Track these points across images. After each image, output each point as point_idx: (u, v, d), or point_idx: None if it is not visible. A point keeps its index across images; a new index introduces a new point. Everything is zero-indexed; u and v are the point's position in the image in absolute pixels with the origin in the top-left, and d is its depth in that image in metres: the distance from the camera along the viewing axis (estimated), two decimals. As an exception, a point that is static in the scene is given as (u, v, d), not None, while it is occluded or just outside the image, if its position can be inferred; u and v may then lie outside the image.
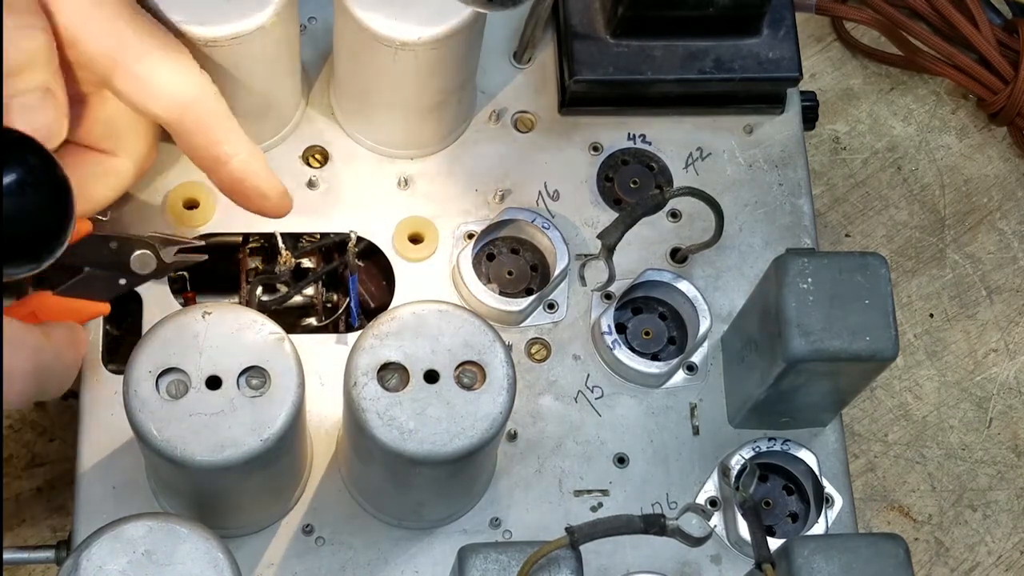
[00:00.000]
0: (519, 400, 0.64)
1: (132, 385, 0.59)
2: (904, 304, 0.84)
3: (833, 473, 0.71)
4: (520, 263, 0.74)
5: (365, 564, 0.68)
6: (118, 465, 0.68)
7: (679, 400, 0.72)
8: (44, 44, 0.58)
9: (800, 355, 0.64)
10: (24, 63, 0.57)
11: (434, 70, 0.69)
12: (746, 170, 0.77)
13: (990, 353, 0.84)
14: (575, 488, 0.70)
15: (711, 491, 0.70)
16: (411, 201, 0.74)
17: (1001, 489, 0.81)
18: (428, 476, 0.62)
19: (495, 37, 0.77)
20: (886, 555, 0.59)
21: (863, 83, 0.90)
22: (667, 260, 0.75)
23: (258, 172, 0.66)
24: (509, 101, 0.77)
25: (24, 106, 0.57)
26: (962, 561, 0.80)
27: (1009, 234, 0.87)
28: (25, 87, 0.57)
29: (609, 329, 0.71)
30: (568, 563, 0.58)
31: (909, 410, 0.82)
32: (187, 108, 0.64)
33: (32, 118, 0.57)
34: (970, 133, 0.89)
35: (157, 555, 0.56)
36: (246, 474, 0.61)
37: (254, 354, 0.60)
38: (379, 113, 0.73)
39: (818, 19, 0.90)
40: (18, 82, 0.57)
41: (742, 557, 0.69)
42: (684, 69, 0.75)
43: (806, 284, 0.64)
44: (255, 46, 0.67)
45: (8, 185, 0.49)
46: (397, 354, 0.61)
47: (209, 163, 0.66)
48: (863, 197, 0.87)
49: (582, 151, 0.76)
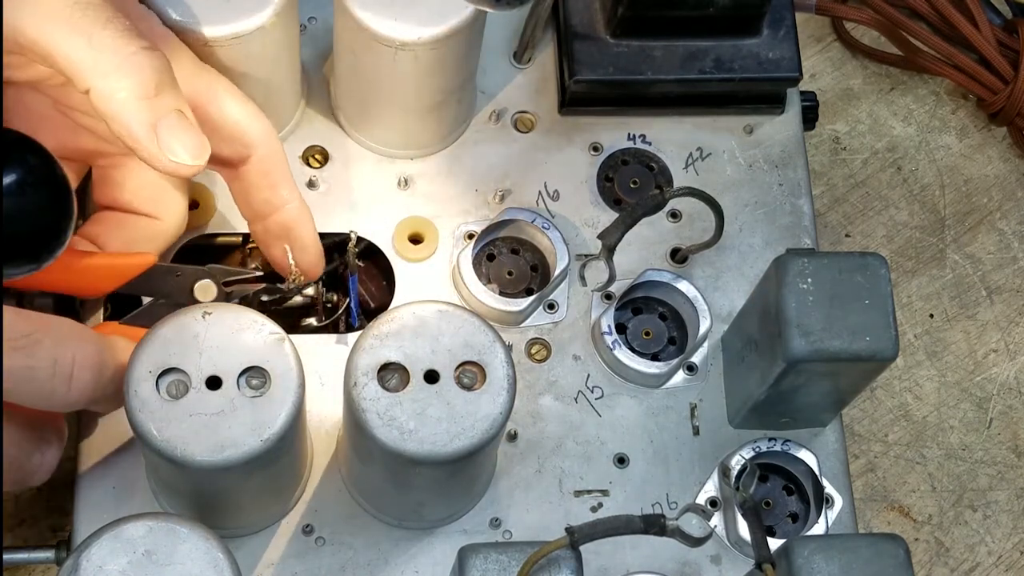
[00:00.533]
0: (519, 400, 0.64)
1: (132, 385, 0.59)
2: (904, 304, 0.84)
3: (833, 473, 0.71)
4: (520, 263, 0.74)
5: (365, 564, 0.68)
6: (118, 465, 0.68)
7: (679, 400, 0.72)
8: (168, 64, 0.58)
9: (800, 355, 0.64)
10: (160, 82, 0.57)
11: (434, 70, 0.69)
12: (746, 170, 0.77)
13: (990, 353, 0.84)
14: (575, 488, 0.70)
15: (711, 491, 0.70)
16: (411, 201, 0.74)
17: (1001, 489, 0.81)
18: (428, 476, 0.62)
19: (495, 37, 0.77)
20: (886, 555, 0.59)
21: (863, 83, 0.90)
22: (667, 260, 0.75)
23: (307, 223, 0.66)
24: (509, 101, 0.77)
25: (169, 128, 0.57)
26: (962, 561, 0.80)
27: (1009, 234, 0.87)
28: (166, 108, 0.57)
29: (609, 329, 0.71)
30: (568, 563, 0.58)
31: (909, 410, 0.82)
32: (255, 148, 0.65)
33: (178, 139, 0.57)
34: (970, 133, 0.89)
35: (157, 555, 0.56)
36: (246, 474, 0.61)
37: (254, 354, 0.60)
38: (379, 113, 0.73)
39: (818, 19, 0.90)
40: (159, 104, 0.57)
41: (742, 557, 0.69)
42: (684, 69, 0.75)
43: (806, 284, 0.64)
44: (255, 46, 0.67)
45: (8, 185, 0.49)
46: (397, 354, 0.61)
47: (260, 207, 0.66)
48: (863, 197, 0.87)
49: (582, 151, 0.76)
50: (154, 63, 0.57)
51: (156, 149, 0.57)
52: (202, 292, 0.66)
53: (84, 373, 0.58)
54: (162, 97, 0.57)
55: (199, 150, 0.58)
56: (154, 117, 0.57)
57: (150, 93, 0.56)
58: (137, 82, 0.56)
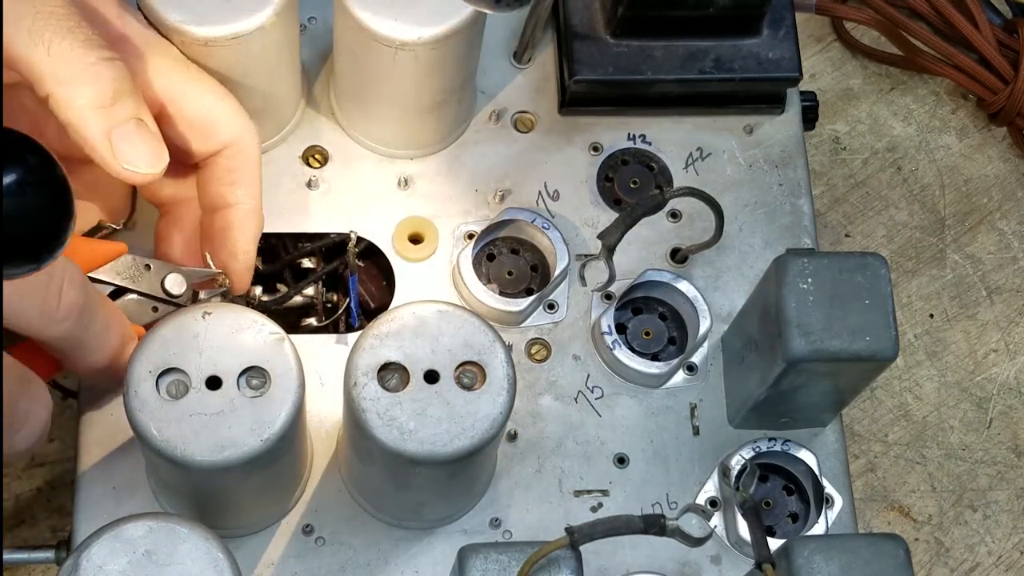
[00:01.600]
0: (519, 400, 0.64)
1: (132, 385, 0.59)
2: (904, 304, 0.84)
3: (833, 473, 0.71)
4: (520, 263, 0.74)
5: (365, 564, 0.68)
6: (118, 465, 0.68)
7: (679, 400, 0.72)
8: (127, 74, 0.60)
9: (800, 355, 0.64)
10: (118, 91, 0.59)
11: (434, 70, 0.69)
12: (746, 170, 0.77)
13: (990, 353, 0.84)
14: (575, 488, 0.70)
15: (711, 491, 0.70)
16: (411, 201, 0.74)
17: (1001, 489, 0.81)
18: (428, 476, 0.62)
19: (495, 37, 0.77)
20: (886, 555, 0.59)
21: (863, 83, 0.90)
22: (667, 260, 0.75)
23: (248, 232, 0.66)
24: (509, 101, 0.77)
25: (125, 137, 0.59)
26: (962, 561, 0.80)
27: (1009, 234, 0.87)
28: (122, 117, 0.59)
29: (609, 329, 0.71)
30: (568, 563, 0.58)
31: (909, 410, 0.82)
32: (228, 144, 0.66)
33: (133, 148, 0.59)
34: (970, 133, 0.89)
35: (157, 555, 0.56)
36: (246, 474, 0.61)
37: (254, 354, 0.60)
38: (379, 113, 0.73)
39: (818, 19, 0.90)
40: (116, 112, 0.59)
41: (742, 557, 0.69)
42: (684, 69, 0.75)
43: (806, 284, 0.64)
44: (255, 46, 0.67)
45: (8, 185, 0.49)
46: (397, 354, 0.61)
47: (212, 199, 0.66)
48: (863, 197, 0.87)
49: (582, 151, 0.76)
50: (113, 73, 0.59)
51: (111, 156, 0.59)
52: (173, 284, 0.66)
53: (72, 289, 0.58)
54: (119, 106, 0.59)
55: (154, 158, 0.60)
56: (109, 125, 0.59)
57: (106, 102, 0.58)
58: (95, 91, 0.58)
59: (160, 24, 0.65)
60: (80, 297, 0.59)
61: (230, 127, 0.65)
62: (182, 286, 0.65)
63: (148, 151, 0.60)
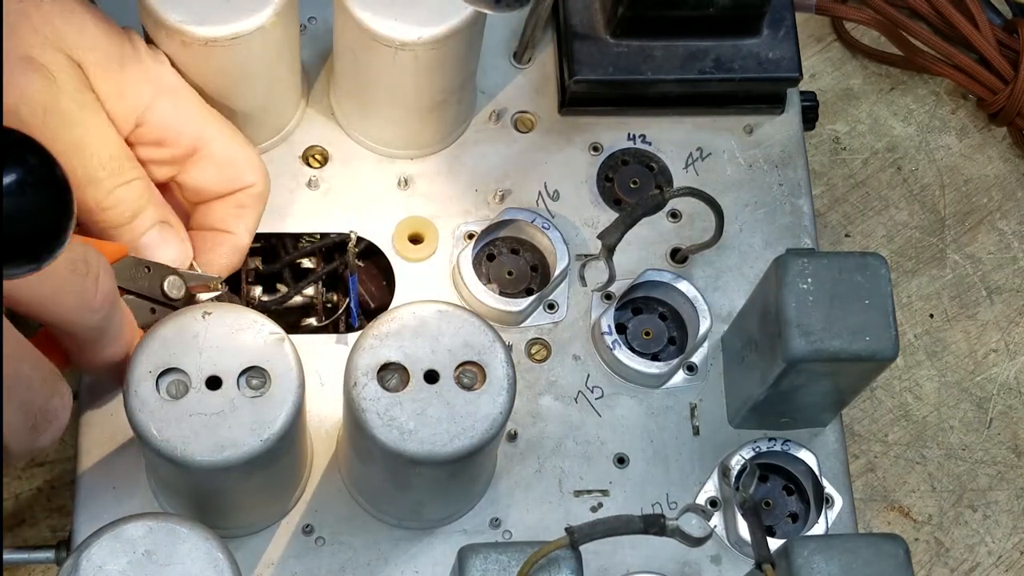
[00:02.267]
0: (519, 400, 0.64)
1: (132, 385, 0.59)
2: (904, 304, 0.84)
3: (833, 473, 0.71)
4: (520, 263, 0.74)
5: (365, 564, 0.68)
6: (118, 465, 0.68)
7: (679, 400, 0.72)
8: (145, 189, 0.65)
9: (800, 355, 0.64)
10: (136, 210, 0.65)
11: (434, 70, 0.69)
12: (746, 170, 0.77)
13: (990, 353, 0.84)
14: (575, 488, 0.70)
15: (711, 491, 0.70)
16: (411, 201, 0.74)
17: (1001, 489, 0.81)
18: (428, 476, 0.62)
19: (495, 37, 0.77)
20: (886, 555, 0.59)
21: (863, 83, 0.90)
22: (667, 260, 0.75)
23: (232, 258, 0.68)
24: (509, 101, 0.77)
25: (150, 244, 0.65)
26: (962, 561, 0.79)
27: (1009, 234, 0.87)
28: (144, 228, 0.65)
29: (609, 329, 0.71)
30: (568, 563, 0.58)
31: (909, 410, 0.82)
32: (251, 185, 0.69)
33: (162, 251, 0.66)
34: (970, 133, 0.89)
35: (157, 555, 0.56)
36: (246, 474, 0.61)
37: (254, 354, 0.60)
38: (379, 113, 0.73)
39: (818, 19, 0.90)
40: (137, 226, 0.65)
41: (742, 557, 0.69)
42: (684, 69, 0.75)
43: (806, 284, 0.64)
44: (255, 46, 0.67)
45: (8, 185, 0.49)
46: (397, 354, 0.61)
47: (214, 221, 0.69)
48: (863, 197, 0.87)
49: (582, 151, 0.76)
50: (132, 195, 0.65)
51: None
52: (172, 287, 0.66)
53: (107, 279, 0.59)
54: (140, 219, 0.65)
55: (182, 257, 0.67)
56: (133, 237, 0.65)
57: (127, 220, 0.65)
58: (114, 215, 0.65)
59: (160, 24, 0.65)
60: (114, 287, 0.60)
61: (254, 171, 0.68)
62: (180, 289, 0.66)
63: (175, 252, 0.66)
